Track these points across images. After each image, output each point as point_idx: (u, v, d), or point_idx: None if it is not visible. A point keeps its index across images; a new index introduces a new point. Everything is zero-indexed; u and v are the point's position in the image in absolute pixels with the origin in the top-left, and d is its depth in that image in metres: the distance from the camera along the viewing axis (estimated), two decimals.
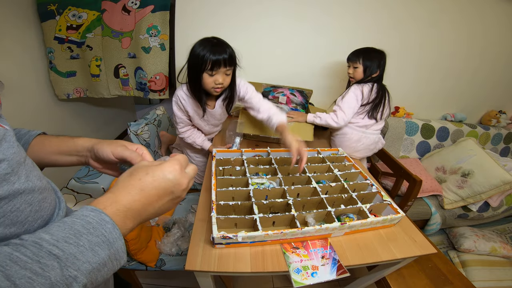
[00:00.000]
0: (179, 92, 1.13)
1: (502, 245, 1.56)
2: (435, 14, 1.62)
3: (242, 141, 1.40)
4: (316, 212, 0.79)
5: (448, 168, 1.76)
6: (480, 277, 1.42)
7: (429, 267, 1.08)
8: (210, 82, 1.00)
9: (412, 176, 1.27)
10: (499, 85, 2.04)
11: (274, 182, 0.92)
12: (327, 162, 1.06)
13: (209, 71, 0.96)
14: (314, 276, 0.68)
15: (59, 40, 1.59)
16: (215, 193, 0.81)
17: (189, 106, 1.14)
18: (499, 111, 2.16)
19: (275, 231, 0.69)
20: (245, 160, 1.01)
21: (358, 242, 0.79)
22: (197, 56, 0.94)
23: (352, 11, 1.58)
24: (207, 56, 0.93)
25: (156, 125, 1.50)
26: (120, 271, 1.06)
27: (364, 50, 1.27)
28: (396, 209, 0.85)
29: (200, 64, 0.95)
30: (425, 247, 0.80)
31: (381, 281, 1.03)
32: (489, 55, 1.84)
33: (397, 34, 1.67)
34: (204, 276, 0.74)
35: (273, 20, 1.58)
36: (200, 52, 0.94)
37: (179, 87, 1.15)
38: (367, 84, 1.26)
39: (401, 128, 1.85)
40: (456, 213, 1.66)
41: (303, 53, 1.68)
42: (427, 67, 1.84)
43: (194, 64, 0.97)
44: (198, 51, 0.94)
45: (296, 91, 1.59)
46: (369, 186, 0.97)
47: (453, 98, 2.05)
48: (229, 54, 0.96)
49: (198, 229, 0.77)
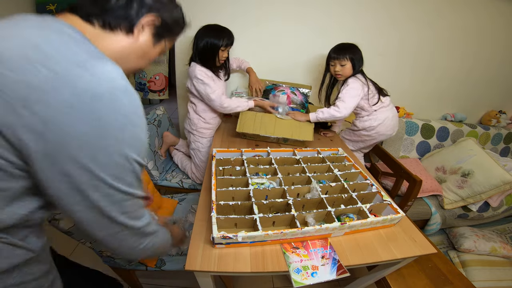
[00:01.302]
0: (198, 69, 1.28)
1: (502, 245, 1.56)
2: (431, 14, 1.63)
3: (242, 141, 1.40)
4: (316, 212, 0.79)
5: (448, 168, 1.76)
6: (480, 277, 1.42)
7: (429, 267, 1.08)
8: (221, 55, 1.30)
9: (412, 176, 1.27)
10: (498, 85, 2.05)
11: (274, 182, 0.92)
12: (327, 162, 1.06)
13: (223, 48, 1.27)
14: (314, 276, 0.68)
15: None
16: (215, 193, 0.81)
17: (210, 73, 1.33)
18: (499, 111, 2.16)
19: (275, 231, 0.69)
20: (245, 160, 1.01)
21: (358, 242, 0.79)
22: (218, 37, 1.24)
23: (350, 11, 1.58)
24: (225, 38, 1.26)
25: (156, 125, 1.50)
26: (120, 271, 1.05)
27: (346, 46, 1.32)
28: (396, 209, 0.85)
29: (218, 44, 1.25)
30: (425, 247, 0.80)
31: (381, 281, 1.02)
32: (485, 54, 1.85)
33: (396, 34, 1.67)
34: (204, 276, 0.74)
35: (273, 20, 1.58)
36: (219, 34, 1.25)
37: (191, 70, 1.30)
38: (359, 74, 1.35)
39: (401, 128, 1.85)
40: (456, 213, 1.66)
41: (302, 52, 1.69)
42: (424, 67, 1.85)
43: (212, 43, 1.25)
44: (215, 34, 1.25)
45: (297, 89, 1.59)
46: (369, 186, 0.97)
47: (453, 98, 2.06)
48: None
49: (198, 229, 0.77)
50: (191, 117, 1.45)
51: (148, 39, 0.53)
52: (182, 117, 1.96)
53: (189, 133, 1.50)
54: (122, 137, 0.39)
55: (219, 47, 1.26)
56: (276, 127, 1.36)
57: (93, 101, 0.35)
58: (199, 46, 1.26)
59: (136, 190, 0.44)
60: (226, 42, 1.27)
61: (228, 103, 1.35)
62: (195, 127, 1.45)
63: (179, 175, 1.60)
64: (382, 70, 1.73)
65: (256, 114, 1.40)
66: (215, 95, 1.32)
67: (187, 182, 1.54)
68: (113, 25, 0.48)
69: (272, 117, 1.40)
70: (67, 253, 1.43)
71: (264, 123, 1.36)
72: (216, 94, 1.32)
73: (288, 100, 1.56)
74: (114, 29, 0.48)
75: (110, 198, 0.40)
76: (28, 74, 0.33)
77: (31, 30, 0.37)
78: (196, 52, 1.29)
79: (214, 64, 1.32)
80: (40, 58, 0.34)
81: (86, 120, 0.35)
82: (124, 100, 0.38)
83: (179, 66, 1.72)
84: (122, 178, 0.41)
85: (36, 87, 0.33)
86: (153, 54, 0.57)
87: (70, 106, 0.34)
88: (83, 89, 0.35)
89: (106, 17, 0.47)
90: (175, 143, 1.65)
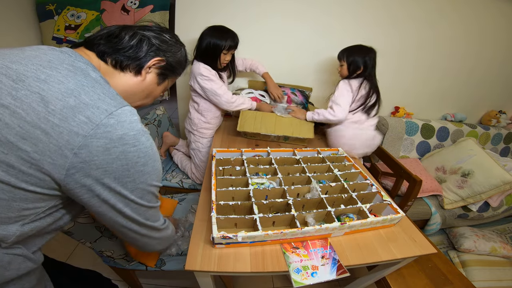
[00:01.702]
0: (202, 66, 1.27)
1: (502, 245, 1.56)
2: (432, 14, 1.63)
3: (242, 141, 1.40)
4: (316, 212, 0.79)
5: (448, 168, 1.76)
6: (480, 277, 1.42)
7: (429, 267, 1.08)
8: (223, 58, 1.30)
9: (412, 176, 1.27)
10: (498, 85, 2.05)
11: (274, 182, 0.92)
12: (327, 162, 1.06)
13: (225, 51, 1.26)
14: (314, 276, 0.68)
15: (57, 40, 1.58)
16: (215, 193, 0.81)
17: (214, 72, 1.31)
18: (499, 111, 2.16)
19: (275, 231, 0.69)
20: (245, 160, 1.01)
21: (358, 242, 0.79)
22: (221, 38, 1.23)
23: (352, 10, 1.58)
24: (228, 40, 1.24)
25: (156, 125, 1.50)
26: (120, 271, 1.05)
27: (349, 48, 1.30)
28: (396, 209, 0.85)
29: (221, 46, 1.24)
30: (425, 247, 0.80)
31: (381, 281, 1.02)
32: (487, 54, 1.85)
33: (396, 34, 1.67)
34: (204, 276, 0.74)
35: (273, 19, 1.58)
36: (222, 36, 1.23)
37: (195, 67, 1.29)
38: (355, 79, 1.28)
39: (401, 128, 1.85)
40: (456, 213, 1.66)
41: (303, 51, 1.68)
42: (425, 67, 1.84)
43: (215, 44, 1.24)
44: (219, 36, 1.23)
45: (297, 90, 1.60)
46: (369, 186, 0.97)
47: (454, 98, 2.05)
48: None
49: (198, 229, 0.77)
50: (192, 117, 1.45)
51: (154, 79, 0.59)
52: (182, 117, 1.96)
53: (190, 133, 1.50)
54: (144, 169, 0.49)
55: (221, 48, 1.24)
56: (277, 125, 1.36)
57: (122, 145, 0.44)
58: (201, 45, 1.26)
59: (155, 203, 0.57)
60: (230, 45, 1.25)
61: (235, 98, 1.35)
62: (196, 127, 1.45)
63: (179, 175, 1.59)
64: (383, 70, 1.73)
65: (256, 113, 1.40)
66: (222, 90, 1.31)
67: (187, 182, 1.54)
68: (124, 65, 0.54)
69: (273, 115, 1.40)
70: (67, 253, 1.43)
71: (264, 122, 1.36)
72: (223, 89, 1.32)
73: (288, 100, 1.56)
74: (124, 69, 0.55)
75: (137, 210, 0.53)
76: (71, 122, 0.40)
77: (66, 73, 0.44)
78: (199, 52, 1.28)
79: (215, 66, 1.31)
80: (79, 107, 0.41)
81: (118, 160, 0.44)
82: (143, 141, 0.47)
83: None
84: (145, 197, 0.52)
85: (77, 134, 0.40)
86: (157, 93, 0.64)
87: (106, 150, 0.42)
88: (114, 135, 0.43)
89: (118, 56, 0.54)
90: (175, 143, 1.65)
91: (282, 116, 1.40)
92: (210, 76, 1.28)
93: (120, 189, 0.47)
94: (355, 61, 1.27)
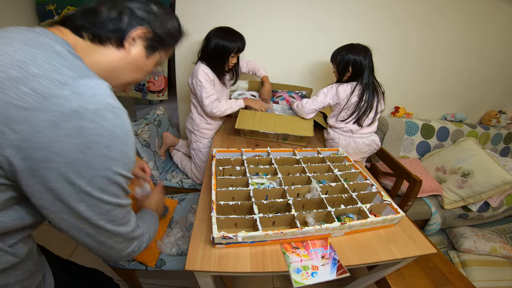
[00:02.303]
0: (201, 69, 1.26)
1: (502, 245, 1.56)
2: (433, 14, 1.63)
3: (242, 141, 1.40)
4: (316, 212, 0.79)
5: (448, 168, 1.76)
6: (480, 277, 1.42)
7: (429, 267, 1.08)
8: (230, 61, 1.29)
9: (412, 176, 1.27)
10: (498, 85, 2.04)
11: (274, 182, 0.92)
12: (327, 162, 1.06)
13: (234, 54, 1.26)
14: (314, 276, 0.68)
15: None
16: (215, 193, 0.81)
17: (213, 76, 1.31)
18: (499, 111, 2.16)
19: (275, 231, 0.69)
20: (245, 160, 1.01)
21: (358, 242, 0.79)
22: (230, 41, 1.21)
23: (352, 9, 1.58)
24: (237, 43, 1.23)
25: (156, 125, 1.50)
26: (120, 271, 1.05)
27: (338, 48, 1.25)
28: (396, 209, 0.85)
29: (230, 48, 1.22)
30: (425, 247, 0.80)
31: (381, 281, 1.03)
32: (488, 54, 1.84)
33: (397, 33, 1.67)
34: (204, 276, 0.74)
35: (272, 18, 1.58)
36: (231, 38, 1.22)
37: (197, 68, 1.28)
38: (345, 84, 1.21)
39: (401, 128, 1.85)
40: (456, 213, 1.66)
41: (303, 50, 1.68)
42: (426, 67, 1.84)
43: (224, 47, 1.22)
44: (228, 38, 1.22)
45: (294, 93, 1.60)
46: (369, 186, 0.97)
47: (455, 98, 2.05)
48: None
49: (198, 229, 0.77)
50: (194, 117, 1.45)
51: (141, 52, 0.53)
52: (182, 117, 1.96)
53: (191, 133, 1.50)
54: (106, 153, 0.39)
55: (230, 51, 1.23)
56: (276, 123, 1.36)
57: (76, 119, 0.35)
58: (209, 47, 1.23)
59: (122, 200, 0.46)
60: (238, 47, 1.23)
61: (217, 108, 1.32)
62: (197, 127, 1.45)
63: (179, 175, 1.60)
64: (383, 70, 1.73)
65: (255, 112, 1.40)
66: (209, 101, 1.29)
67: (187, 182, 1.54)
68: (102, 38, 0.48)
69: (272, 114, 1.41)
70: (67, 253, 1.43)
71: (263, 120, 1.36)
72: (209, 99, 1.29)
73: (287, 101, 1.57)
74: (104, 43, 0.48)
75: (96, 208, 0.42)
76: (10, 94, 0.33)
77: (19, 46, 0.37)
78: (206, 53, 1.26)
79: (222, 68, 1.30)
80: (23, 78, 0.34)
81: (70, 138, 0.35)
82: (109, 117, 0.38)
83: (179, 67, 1.72)
84: (107, 190, 0.42)
85: (18, 106, 0.33)
86: (149, 66, 0.57)
87: (54, 125, 0.34)
88: (67, 108, 0.35)
89: (96, 30, 0.47)
90: (174, 143, 1.65)
91: (281, 114, 1.41)
92: (203, 82, 1.26)
93: (72, 176, 0.37)
94: (343, 61, 1.18)
